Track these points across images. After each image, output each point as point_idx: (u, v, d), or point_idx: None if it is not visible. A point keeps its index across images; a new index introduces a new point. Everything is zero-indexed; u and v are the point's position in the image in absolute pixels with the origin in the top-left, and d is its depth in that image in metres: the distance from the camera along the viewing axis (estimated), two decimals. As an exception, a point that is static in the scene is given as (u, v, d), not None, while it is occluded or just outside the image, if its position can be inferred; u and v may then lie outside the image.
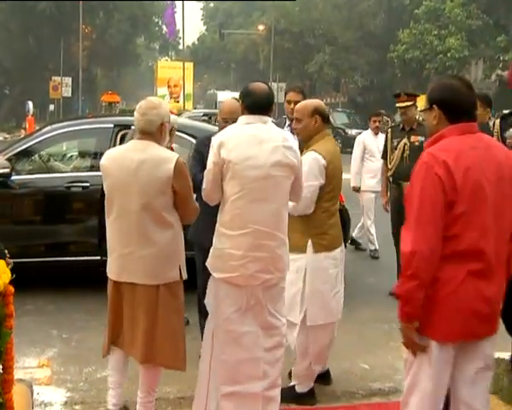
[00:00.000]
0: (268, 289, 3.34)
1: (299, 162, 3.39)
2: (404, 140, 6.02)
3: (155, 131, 3.24)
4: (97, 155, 5.97)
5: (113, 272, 3.32)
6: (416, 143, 5.84)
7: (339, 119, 28.64)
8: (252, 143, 3.24)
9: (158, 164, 3.17)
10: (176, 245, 3.27)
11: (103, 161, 3.32)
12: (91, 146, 6.36)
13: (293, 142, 3.43)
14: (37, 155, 6.21)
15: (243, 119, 3.33)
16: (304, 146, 3.85)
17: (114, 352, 3.43)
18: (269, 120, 3.37)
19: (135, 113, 3.29)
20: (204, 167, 4.07)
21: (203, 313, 4.32)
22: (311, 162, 3.71)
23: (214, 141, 3.28)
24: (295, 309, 3.76)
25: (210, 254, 3.37)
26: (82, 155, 6.65)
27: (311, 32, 38.75)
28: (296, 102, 4.77)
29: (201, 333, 4.42)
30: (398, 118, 6.10)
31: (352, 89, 41.85)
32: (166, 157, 3.21)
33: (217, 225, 3.35)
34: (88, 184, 5.81)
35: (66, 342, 4.85)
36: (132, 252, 3.21)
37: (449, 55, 28.39)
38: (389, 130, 6.47)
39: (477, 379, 2.59)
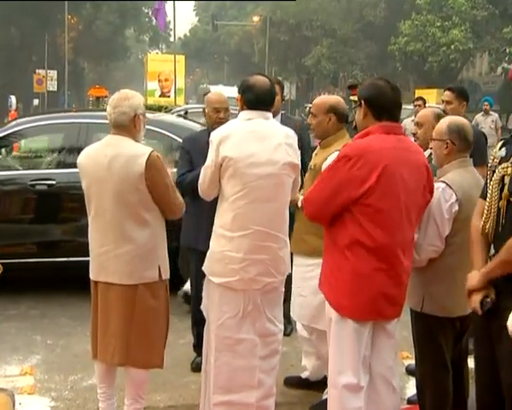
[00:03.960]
0: (267, 293, 3.32)
1: (299, 161, 3.38)
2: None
3: (128, 124, 3.20)
4: (65, 152, 5.95)
5: (92, 272, 3.32)
6: None
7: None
8: (254, 140, 3.21)
9: (130, 159, 3.14)
10: (154, 243, 3.22)
11: (79, 159, 3.32)
12: (58, 142, 6.28)
13: (295, 139, 3.41)
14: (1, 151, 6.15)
15: (244, 114, 3.30)
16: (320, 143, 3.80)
17: (97, 360, 3.40)
18: (270, 115, 3.34)
19: (107, 107, 3.27)
20: (193, 167, 4.10)
21: (196, 319, 4.32)
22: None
23: (214, 137, 3.25)
24: (324, 317, 3.71)
25: (207, 257, 3.34)
26: (49, 151, 6.56)
27: (308, 23, 38.77)
28: None
29: (195, 339, 4.41)
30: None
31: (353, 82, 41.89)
32: (138, 152, 3.16)
33: (214, 227, 3.32)
34: (54, 182, 5.75)
35: (50, 348, 4.81)
36: (108, 251, 3.20)
37: (452, 47, 28.36)
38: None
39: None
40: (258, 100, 3.27)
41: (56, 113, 7.80)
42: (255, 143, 3.21)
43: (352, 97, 5.50)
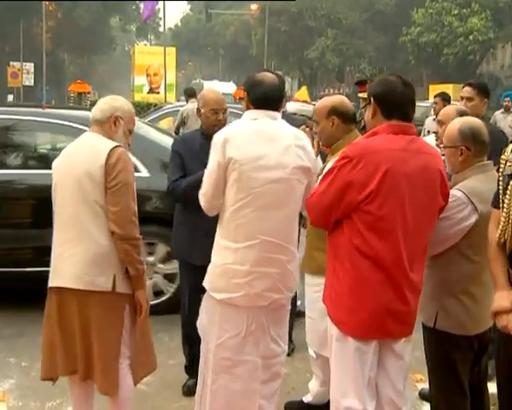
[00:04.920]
0: (273, 311, 3.30)
1: (313, 165, 3.36)
2: None
3: (105, 121, 3.30)
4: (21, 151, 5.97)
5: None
6: None
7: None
8: (261, 141, 3.20)
9: (92, 152, 3.21)
10: (112, 249, 3.19)
11: (56, 158, 3.43)
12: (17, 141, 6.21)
13: (307, 141, 3.40)
14: None
15: (249, 114, 3.29)
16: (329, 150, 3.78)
17: (69, 381, 3.40)
18: (279, 115, 3.34)
19: None
20: (185, 173, 4.08)
21: (188, 337, 4.32)
22: None
23: (217, 138, 3.23)
24: None
25: (208, 271, 3.32)
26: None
27: (311, 12, 38.93)
28: None
29: (186, 359, 4.40)
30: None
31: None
32: (102, 147, 3.20)
33: (216, 238, 3.30)
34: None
35: (25, 371, 4.78)
36: (63, 251, 3.24)
37: (471, 37, 28.41)
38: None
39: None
40: (265, 99, 3.26)
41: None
42: (263, 145, 3.19)
43: (360, 94, 5.48)
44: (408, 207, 2.84)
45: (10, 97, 37.00)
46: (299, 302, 4.91)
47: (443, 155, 3.28)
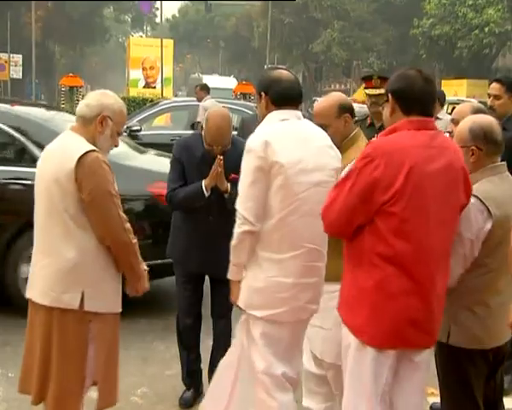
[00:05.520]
0: (305, 323, 3.35)
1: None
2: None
3: (91, 119, 3.17)
4: None
5: None
6: None
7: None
8: (298, 143, 3.20)
9: (61, 159, 3.09)
10: (81, 263, 3.10)
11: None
12: None
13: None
14: None
15: (276, 114, 3.26)
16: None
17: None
18: (301, 114, 3.34)
19: None
20: (185, 180, 4.10)
21: (184, 344, 4.33)
22: None
23: (254, 143, 3.15)
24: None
25: (243, 288, 3.25)
26: None
27: (317, 3, 38.93)
28: None
29: (184, 368, 4.40)
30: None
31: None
32: (73, 151, 3.07)
33: (256, 250, 3.22)
34: None
35: (11, 382, 4.77)
36: (36, 262, 3.22)
37: (487, 30, 28.23)
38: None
39: None
40: (288, 96, 3.26)
41: None
42: (300, 147, 3.19)
43: (366, 91, 5.41)
44: (432, 207, 2.82)
45: (-4, 91, 36.96)
46: None
47: None
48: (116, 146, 3.31)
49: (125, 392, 4.44)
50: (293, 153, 3.15)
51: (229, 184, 4.05)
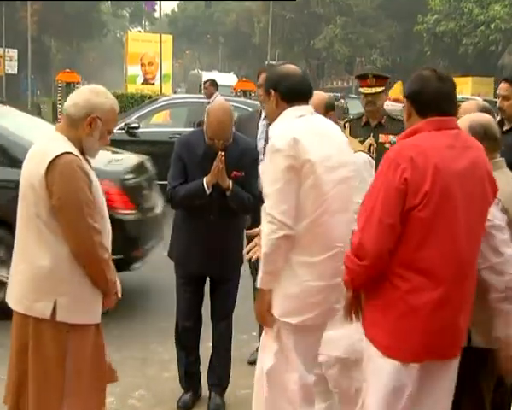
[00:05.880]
0: (326, 326, 3.34)
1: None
2: (370, 140, 5.53)
3: (79, 121, 3.03)
4: None
5: None
6: (387, 145, 5.21)
7: (352, 107, 28.61)
8: (322, 139, 3.18)
9: (37, 161, 2.98)
10: (54, 271, 3.00)
11: None
12: None
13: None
14: None
15: (292, 111, 3.23)
16: None
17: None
18: (313, 110, 3.34)
19: None
20: (186, 178, 4.10)
21: (182, 345, 4.34)
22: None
23: (282, 141, 3.09)
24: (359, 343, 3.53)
25: (277, 296, 3.18)
26: None
27: (319, -2, 38.89)
28: None
29: (182, 370, 4.39)
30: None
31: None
32: (49, 151, 2.96)
33: (288, 255, 3.15)
34: None
35: (3, 384, 4.77)
36: (14, 266, 3.15)
37: (493, 26, 28.17)
38: (346, 125, 5.92)
39: None
40: (299, 91, 3.25)
41: None
42: (324, 143, 3.17)
43: (361, 89, 5.41)
44: (461, 210, 2.77)
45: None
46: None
47: None
48: (107, 145, 3.21)
49: (123, 394, 4.44)
50: (321, 150, 3.12)
51: (230, 182, 4.05)
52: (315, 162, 3.06)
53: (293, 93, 3.23)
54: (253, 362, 5.02)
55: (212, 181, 4.01)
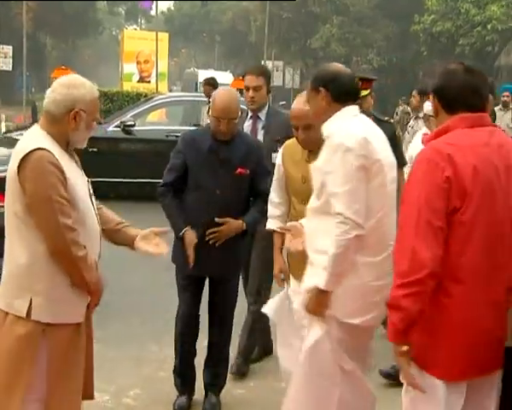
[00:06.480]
0: None
1: None
2: None
3: (60, 117, 2.98)
4: None
5: None
6: None
7: (349, 107, 28.73)
8: (379, 140, 3.24)
9: (15, 156, 2.95)
10: (30, 270, 2.94)
11: None
12: None
13: None
14: None
15: (350, 110, 3.27)
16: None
17: None
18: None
19: None
20: (182, 172, 4.10)
21: (182, 352, 4.33)
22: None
23: (350, 140, 3.09)
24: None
25: (338, 297, 3.14)
26: None
27: (315, -3, 38.90)
28: (256, 88, 4.76)
29: (177, 370, 4.38)
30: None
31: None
32: (25, 147, 2.92)
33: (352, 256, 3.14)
34: None
35: None
36: (1, 260, 3.10)
37: (489, 26, 28.17)
38: None
39: None
40: (350, 91, 3.30)
41: None
42: (383, 143, 3.25)
43: (362, 91, 5.39)
44: (501, 211, 2.64)
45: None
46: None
47: None
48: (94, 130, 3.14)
49: (118, 394, 4.44)
50: (384, 149, 3.21)
51: (240, 222, 4.09)
52: (383, 162, 3.13)
53: (345, 93, 3.27)
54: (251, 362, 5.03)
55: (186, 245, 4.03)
